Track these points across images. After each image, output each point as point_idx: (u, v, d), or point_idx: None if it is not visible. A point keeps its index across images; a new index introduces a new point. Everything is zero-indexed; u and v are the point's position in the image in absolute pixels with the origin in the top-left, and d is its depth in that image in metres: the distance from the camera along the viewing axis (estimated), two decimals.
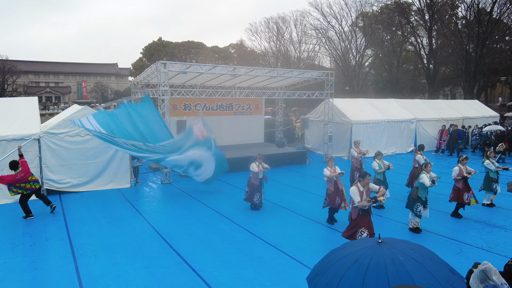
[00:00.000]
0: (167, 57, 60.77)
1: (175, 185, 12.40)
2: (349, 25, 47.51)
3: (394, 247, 2.84)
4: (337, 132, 17.30)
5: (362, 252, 2.80)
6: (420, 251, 2.83)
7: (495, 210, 9.69)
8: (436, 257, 2.88)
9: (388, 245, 2.88)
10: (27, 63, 79.01)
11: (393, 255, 2.69)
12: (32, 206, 9.10)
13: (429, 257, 2.78)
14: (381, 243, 2.92)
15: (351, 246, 3.02)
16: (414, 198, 7.95)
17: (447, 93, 53.64)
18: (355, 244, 3.05)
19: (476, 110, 24.58)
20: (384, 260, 2.65)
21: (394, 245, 2.88)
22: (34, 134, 10.49)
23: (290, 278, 5.97)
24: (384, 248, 2.81)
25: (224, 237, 7.78)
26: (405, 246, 2.89)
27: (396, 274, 2.53)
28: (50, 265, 6.44)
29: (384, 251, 2.76)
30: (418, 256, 2.70)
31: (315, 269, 3.07)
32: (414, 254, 2.73)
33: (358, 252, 2.81)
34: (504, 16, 37.21)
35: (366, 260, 2.69)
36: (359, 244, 2.99)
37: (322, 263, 3.03)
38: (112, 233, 8.01)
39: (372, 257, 2.71)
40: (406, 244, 2.99)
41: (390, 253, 2.73)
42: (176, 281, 5.91)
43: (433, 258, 2.81)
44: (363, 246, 2.89)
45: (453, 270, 2.83)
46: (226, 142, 17.67)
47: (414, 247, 2.91)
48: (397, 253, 2.72)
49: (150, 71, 13.92)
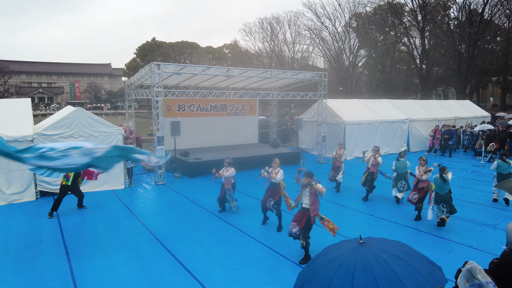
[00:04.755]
0: (161, 57, 60.64)
1: (169, 186, 12.41)
2: (343, 25, 47.84)
3: (376, 246, 2.92)
4: (330, 132, 17.40)
5: (346, 255, 2.86)
6: (400, 248, 2.92)
7: (486, 209, 9.84)
8: (414, 252, 2.99)
9: (369, 245, 2.96)
10: (19, 63, 78.25)
11: (377, 255, 2.77)
12: (27, 207, 9.09)
13: (409, 253, 2.87)
14: (363, 243, 2.99)
15: (334, 250, 3.08)
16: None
17: (440, 93, 54.13)
18: (337, 248, 3.10)
19: (468, 110, 24.86)
20: (369, 261, 2.72)
21: (375, 245, 2.95)
22: (28, 136, 10.45)
23: (284, 278, 6.03)
24: (366, 249, 2.89)
25: (219, 238, 7.82)
26: (385, 244, 2.97)
27: (383, 273, 2.60)
28: (44, 267, 6.43)
29: (367, 252, 2.83)
30: (399, 253, 2.79)
31: (302, 276, 3.11)
32: (396, 251, 2.81)
33: (342, 256, 2.87)
34: (495, 17, 37.72)
35: (351, 262, 2.75)
36: (342, 247, 3.05)
37: (308, 269, 3.08)
38: (107, 234, 8.02)
39: (356, 259, 2.77)
40: (385, 242, 3.07)
41: (373, 253, 2.80)
42: (171, 281, 5.94)
43: (412, 253, 2.91)
44: (346, 249, 2.96)
45: (431, 261, 2.94)
46: (220, 143, 17.74)
47: (394, 244, 2.99)
48: (380, 252, 2.79)
49: (144, 72, 13.91)
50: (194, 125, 16.94)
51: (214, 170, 9.47)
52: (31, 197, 10.56)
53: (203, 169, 13.90)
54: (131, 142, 15.12)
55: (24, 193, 10.49)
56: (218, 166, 14.49)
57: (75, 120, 11.09)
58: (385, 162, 16.21)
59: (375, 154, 10.65)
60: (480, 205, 10.19)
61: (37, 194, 10.71)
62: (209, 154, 15.24)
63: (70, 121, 11.04)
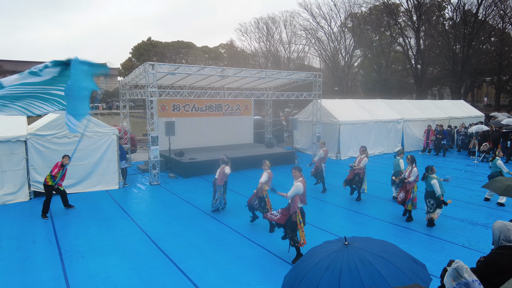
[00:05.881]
0: (157, 57, 60.42)
1: (163, 186, 12.41)
2: (338, 25, 47.90)
3: (360, 247, 2.95)
4: (325, 132, 17.46)
5: (332, 257, 2.89)
6: (384, 248, 2.96)
7: (478, 208, 9.93)
8: (399, 250, 3.03)
9: (354, 246, 2.99)
10: (15, 63, 77.75)
11: (362, 256, 2.80)
12: (20, 207, 9.06)
13: (393, 252, 2.91)
14: (348, 245, 3.03)
15: (319, 252, 3.10)
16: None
17: (435, 93, 54.39)
18: (323, 249, 3.13)
19: (462, 110, 25.03)
20: (355, 263, 2.76)
21: (360, 245, 2.99)
22: (21, 136, 10.42)
23: (276, 277, 6.06)
24: (351, 250, 2.92)
25: (212, 238, 7.84)
26: (370, 244, 3.01)
27: (368, 275, 2.64)
28: (37, 268, 6.43)
29: (352, 254, 2.87)
30: (384, 253, 2.83)
31: (288, 280, 3.13)
32: (380, 252, 2.85)
33: (328, 258, 2.90)
34: (489, 17, 37.94)
35: (337, 265, 2.79)
36: (327, 249, 3.07)
37: (294, 272, 3.10)
38: (100, 234, 8.02)
39: (342, 261, 2.81)
40: (370, 242, 3.11)
41: (358, 254, 2.84)
42: (163, 281, 5.96)
43: (396, 252, 2.95)
44: (331, 251, 2.99)
45: (415, 259, 2.99)
46: (215, 143, 17.75)
47: (379, 244, 3.03)
48: (365, 254, 2.83)
49: (138, 72, 13.89)
50: (189, 125, 16.94)
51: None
52: (24, 198, 10.53)
53: (198, 169, 13.91)
54: (125, 142, 15.11)
55: (18, 194, 10.46)
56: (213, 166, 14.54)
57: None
58: (378, 162, 16.29)
59: (361, 154, 10.60)
60: (473, 204, 10.28)
61: (30, 195, 10.68)
62: (204, 154, 15.24)
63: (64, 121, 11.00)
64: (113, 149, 11.88)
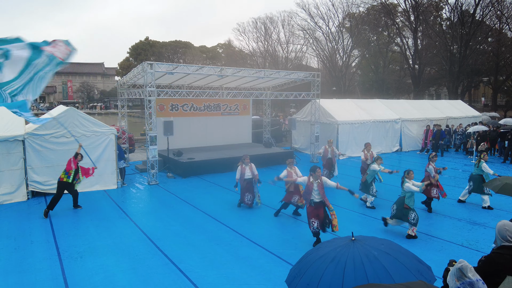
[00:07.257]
0: (154, 57, 60.36)
1: (161, 186, 12.38)
2: (336, 25, 47.92)
3: (366, 243, 2.97)
4: (323, 132, 17.48)
5: (338, 251, 2.90)
6: (390, 246, 2.97)
7: (476, 208, 9.95)
8: (404, 250, 3.05)
9: (361, 242, 3.01)
10: None
11: (367, 251, 2.81)
12: (18, 207, 9.01)
13: (398, 251, 2.93)
14: (354, 240, 3.04)
15: (326, 246, 3.13)
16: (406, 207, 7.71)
17: (432, 93, 54.53)
18: (329, 244, 3.15)
19: (459, 110, 25.09)
20: (360, 257, 2.77)
21: (366, 242, 3.01)
22: (19, 136, 10.36)
23: (276, 277, 6.05)
24: (358, 245, 2.94)
25: (211, 238, 7.82)
26: (376, 242, 3.02)
27: (373, 269, 2.64)
28: (35, 268, 6.39)
29: (358, 248, 2.88)
30: (389, 250, 2.84)
31: (293, 271, 3.15)
32: (386, 249, 2.86)
33: (333, 251, 2.92)
34: (486, 18, 38.05)
35: (342, 258, 2.80)
36: (334, 244, 3.09)
37: (300, 265, 3.12)
38: (99, 234, 7.98)
39: (348, 255, 2.82)
40: (376, 240, 3.12)
41: (364, 249, 2.85)
42: (163, 281, 5.94)
43: (402, 251, 2.97)
44: (338, 245, 3.00)
45: (420, 260, 3.00)
46: (214, 142, 17.73)
47: (384, 242, 3.04)
48: (371, 249, 2.84)
49: (137, 71, 13.86)
50: (187, 125, 16.91)
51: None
52: (22, 198, 10.48)
53: (196, 169, 13.89)
54: (123, 142, 15.05)
55: (15, 194, 10.40)
56: (211, 166, 14.53)
57: (67, 120, 11.01)
58: None
59: (368, 151, 11.16)
60: (471, 204, 10.30)
61: (28, 195, 10.63)
62: (202, 154, 15.22)
63: (62, 121, 10.95)
64: (111, 149, 11.84)
